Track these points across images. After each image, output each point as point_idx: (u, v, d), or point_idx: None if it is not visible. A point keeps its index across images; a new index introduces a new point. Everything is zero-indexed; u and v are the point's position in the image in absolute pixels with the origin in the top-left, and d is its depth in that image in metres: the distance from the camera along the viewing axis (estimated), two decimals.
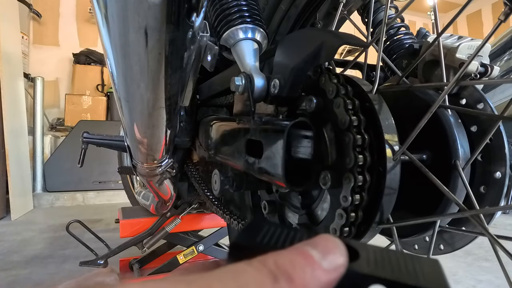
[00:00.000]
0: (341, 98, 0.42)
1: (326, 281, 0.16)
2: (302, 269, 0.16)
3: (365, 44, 0.49)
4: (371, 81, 0.46)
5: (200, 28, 0.53)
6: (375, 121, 0.42)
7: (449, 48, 0.51)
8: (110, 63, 0.52)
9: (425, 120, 0.40)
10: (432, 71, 0.56)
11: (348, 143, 0.40)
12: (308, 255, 0.17)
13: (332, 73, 0.45)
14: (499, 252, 0.39)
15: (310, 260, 0.17)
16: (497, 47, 1.00)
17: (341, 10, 0.62)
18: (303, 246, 0.17)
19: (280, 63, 0.50)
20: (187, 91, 0.68)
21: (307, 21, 0.71)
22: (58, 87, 3.96)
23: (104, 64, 3.76)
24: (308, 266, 0.16)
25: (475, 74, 0.51)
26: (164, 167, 0.92)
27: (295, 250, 0.17)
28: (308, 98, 0.46)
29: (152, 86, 0.55)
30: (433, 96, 0.50)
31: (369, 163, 0.40)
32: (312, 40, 0.45)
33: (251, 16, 0.58)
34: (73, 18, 4.08)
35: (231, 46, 0.58)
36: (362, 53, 0.53)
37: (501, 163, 0.48)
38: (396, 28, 0.74)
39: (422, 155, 0.48)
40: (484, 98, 0.51)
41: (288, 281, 0.16)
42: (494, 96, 0.80)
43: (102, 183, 3.34)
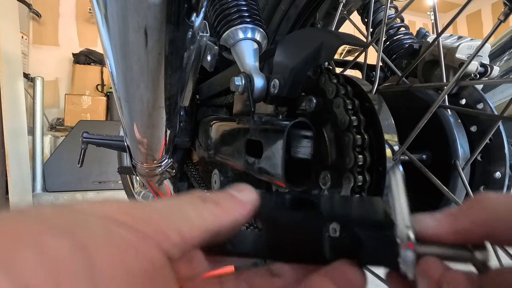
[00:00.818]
0: (341, 98, 0.42)
1: (244, 209, 0.22)
2: (225, 199, 0.22)
3: (365, 44, 0.49)
4: (371, 81, 0.46)
5: (200, 28, 0.53)
6: (375, 121, 0.42)
7: (449, 48, 0.51)
8: (110, 63, 0.52)
9: (425, 120, 0.40)
10: (432, 71, 0.56)
11: (348, 143, 0.40)
12: (229, 193, 0.22)
13: (332, 73, 0.45)
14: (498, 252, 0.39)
15: (229, 194, 0.22)
16: (497, 47, 1.00)
17: (340, 10, 0.62)
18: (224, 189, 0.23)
19: (280, 63, 0.50)
20: (187, 91, 0.68)
21: (307, 21, 0.71)
22: (58, 87, 3.95)
23: (104, 64, 3.76)
24: (228, 197, 0.22)
25: (474, 74, 0.51)
26: (163, 167, 0.92)
27: (218, 191, 0.22)
28: (308, 98, 0.46)
29: (152, 86, 0.55)
30: (433, 96, 0.50)
31: (368, 163, 0.40)
32: (312, 40, 0.45)
33: (250, 16, 0.58)
34: (73, 18, 4.07)
35: (231, 46, 0.58)
36: (362, 53, 0.53)
37: (500, 163, 0.48)
38: (396, 28, 0.74)
39: (422, 155, 0.48)
40: (484, 98, 0.51)
41: (214, 203, 0.21)
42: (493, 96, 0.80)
43: (102, 183, 3.33)
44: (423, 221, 0.22)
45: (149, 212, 0.18)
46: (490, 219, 0.20)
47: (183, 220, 0.19)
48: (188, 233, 0.18)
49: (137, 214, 0.17)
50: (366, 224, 0.22)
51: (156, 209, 0.18)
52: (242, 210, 0.22)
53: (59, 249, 0.13)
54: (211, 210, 0.20)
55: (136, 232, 0.16)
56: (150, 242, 0.16)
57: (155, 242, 0.16)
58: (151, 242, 0.16)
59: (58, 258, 0.13)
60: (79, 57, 3.81)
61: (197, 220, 0.19)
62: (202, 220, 0.19)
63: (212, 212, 0.20)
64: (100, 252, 0.14)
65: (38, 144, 3.30)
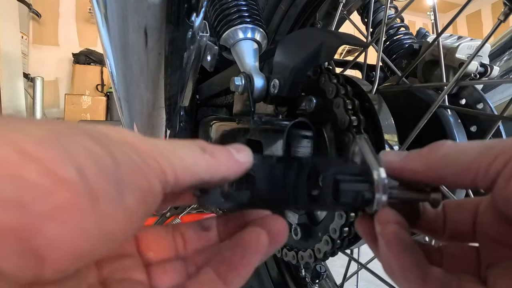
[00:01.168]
0: (340, 98, 0.42)
1: (237, 168, 0.23)
2: (222, 154, 0.23)
3: (364, 44, 0.49)
4: (371, 81, 0.46)
5: (200, 28, 0.53)
6: (374, 121, 0.42)
7: (448, 48, 0.51)
8: (110, 63, 0.52)
9: (425, 120, 0.40)
10: (431, 71, 0.56)
11: (348, 143, 0.40)
12: (228, 149, 0.23)
13: (332, 73, 0.45)
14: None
15: (228, 151, 0.23)
16: (497, 47, 1.00)
17: (340, 10, 0.62)
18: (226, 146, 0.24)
19: (279, 63, 0.50)
20: (186, 91, 0.68)
21: (307, 21, 0.71)
22: (58, 87, 3.95)
23: (103, 64, 3.76)
24: (226, 153, 0.23)
25: (474, 74, 0.51)
26: None
27: (218, 145, 0.23)
28: (308, 98, 0.46)
29: (151, 86, 0.55)
30: (433, 96, 0.50)
31: None
32: (312, 40, 0.45)
33: (250, 16, 0.58)
34: (72, 18, 4.07)
35: (231, 46, 0.58)
36: (362, 53, 0.53)
37: None
38: (395, 28, 0.74)
39: None
40: (484, 98, 0.51)
41: (212, 155, 0.22)
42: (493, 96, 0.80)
43: None
44: (390, 157, 0.25)
45: (152, 148, 0.19)
46: (440, 164, 0.22)
47: (179, 162, 0.20)
48: (181, 175, 0.20)
49: (144, 146, 0.19)
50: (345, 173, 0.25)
51: (158, 147, 0.20)
52: (235, 168, 0.23)
53: (97, 152, 0.16)
54: (207, 160, 0.22)
55: (144, 161, 0.18)
56: (153, 172, 0.18)
57: (156, 174, 0.19)
58: (153, 173, 0.18)
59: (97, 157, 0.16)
60: (79, 57, 3.80)
61: (192, 165, 0.21)
62: (196, 166, 0.21)
63: (208, 162, 0.22)
64: (122, 165, 0.17)
65: None
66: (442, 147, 0.23)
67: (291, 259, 0.53)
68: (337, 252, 0.46)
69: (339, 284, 0.66)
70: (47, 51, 3.93)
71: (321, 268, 0.69)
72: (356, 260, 0.57)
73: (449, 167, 0.22)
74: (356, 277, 0.65)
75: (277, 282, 0.76)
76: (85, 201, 0.14)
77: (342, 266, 0.82)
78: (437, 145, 0.23)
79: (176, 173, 0.19)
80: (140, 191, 0.17)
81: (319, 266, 0.68)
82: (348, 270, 0.61)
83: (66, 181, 0.14)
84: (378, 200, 0.24)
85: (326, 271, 0.70)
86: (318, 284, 0.71)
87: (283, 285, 0.76)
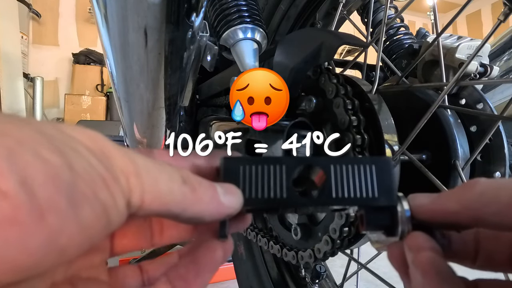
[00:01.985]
0: (340, 98, 0.42)
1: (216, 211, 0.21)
2: (205, 191, 0.21)
3: (364, 44, 0.49)
4: (371, 81, 0.46)
5: (199, 28, 0.53)
6: (374, 121, 0.42)
7: (448, 48, 0.51)
8: (110, 63, 0.52)
9: (425, 120, 0.40)
10: (431, 71, 0.56)
11: (348, 143, 0.40)
12: (214, 187, 0.21)
13: (332, 73, 0.45)
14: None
15: (213, 190, 0.21)
16: (497, 47, 1.00)
17: (340, 10, 0.62)
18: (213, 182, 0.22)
19: (279, 63, 0.50)
20: (186, 91, 0.68)
21: (307, 21, 0.71)
22: (58, 87, 3.95)
23: (103, 64, 3.76)
24: (210, 192, 0.21)
25: (474, 74, 0.51)
26: None
27: (206, 180, 0.22)
28: (308, 98, 0.46)
29: (151, 86, 0.55)
30: (433, 96, 0.50)
31: None
32: (312, 40, 0.45)
33: (250, 16, 0.58)
34: (72, 18, 4.07)
35: (231, 46, 0.58)
36: (362, 53, 0.53)
37: (500, 163, 0.48)
38: (395, 28, 0.74)
39: (421, 155, 0.48)
40: (484, 98, 0.51)
41: (192, 190, 0.20)
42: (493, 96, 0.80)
43: None
44: (419, 199, 0.23)
45: (129, 164, 0.18)
46: (478, 203, 0.20)
47: (152, 187, 0.18)
48: (149, 201, 0.18)
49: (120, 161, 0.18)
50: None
51: (135, 164, 0.18)
52: (215, 211, 0.21)
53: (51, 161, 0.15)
54: (185, 193, 0.20)
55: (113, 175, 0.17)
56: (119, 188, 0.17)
57: (122, 191, 0.17)
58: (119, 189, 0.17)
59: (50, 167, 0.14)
60: (79, 57, 3.80)
61: (165, 194, 0.19)
62: (169, 197, 0.19)
63: (184, 196, 0.20)
64: (82, 176, 0.15)
65: None
66: (477, 185, 0.21)
67: (291, 259, 0.53)
68: (337, 252, 0.46)
69: (339, 284, 0.66)
70: (47, 51, 3.93)
71: (321, 268, 0.68)
72: (356, 260, 0.57)
73: (489, 205, 0.20)
74: (356, 277, 0.65)
75: (277, 282, 0.76)
76: (28, 215, 0.13)
77: (342, 266, 0.82)
78: (471, 182, 0.21)
79: (144, 197, 0.18)
80: (101, 206, 0.16)
81: (319, 266, 0.68)
82: (348, 270, 0.61)
83: (6, 194, 0.13)
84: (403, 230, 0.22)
85: (326, 271, 0.70)
86: (318, 284, 0.71)
87: (283, 285, 0.76)
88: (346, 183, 0.24)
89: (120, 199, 0.17)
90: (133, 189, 0.18)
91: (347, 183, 0.24)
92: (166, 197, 0.19)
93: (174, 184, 0.19)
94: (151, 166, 0.19)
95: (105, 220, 0.16)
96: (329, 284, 0.73)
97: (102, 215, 0.16)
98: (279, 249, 0.56)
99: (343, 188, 0.23)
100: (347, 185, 0.23)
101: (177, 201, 0.19)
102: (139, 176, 0.18)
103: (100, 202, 0.16)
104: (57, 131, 0.16)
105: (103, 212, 0.16)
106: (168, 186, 0.19)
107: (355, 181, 0.23)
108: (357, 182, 0.23)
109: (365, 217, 0.24)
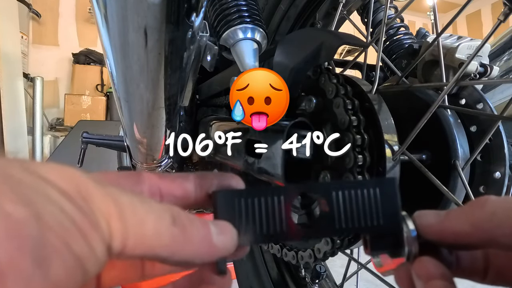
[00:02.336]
0: (340, 98, 0.42)
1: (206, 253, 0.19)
2: (197, 231, 0.19)
3: (364, 44, 0.49)
4: (371, 81, 0.46)
5: (199, 28, 0.53)
6: (374, 121, 0.42)
7: (448, 48, 0.51)
8: (110, 63, 0.52)
9: (425, 120, 0.40)
10: (431, 71, 0.56)
11: (348, 143, 0.40)
12: (208, 226, 0.20)
13: (332, 73, 0.45)
14: None
15: (207, 230, 0.19)
16: (497, 47, 1.00)
17: (340, 10, 0.62)
18: (207, 220, 0.20)
19: (279, 63, 0.50)
20: (186, 91, 0.68)
21: (307, 21, 0.71)
22: (58, 87, 3.95)
23: (103, 64, 3.75)
24: (203, 232, 0.19)
25: (474, 74, 0.51)
26: (163, 167, 0.92)
27: (198, 218, 0.20)
28: (308, 98, 0.46)
29: (151, 86, 0.55)
30: (433, 96, 0.50)
31: (368, 163, 0.40)
32: (312, 40, 0.45)
33: (250, 16, 0.58)
34: (72, 18, 4.07)
35: (231, 46, 0.58)
36: (362, 53, 0.53)
37: (500, 163, 0.48)
38: (395, 28, 0.74)
39: (421, 155, 0.48)
40: (484, 98, 0.51)
41: (182, 230, 0.18)
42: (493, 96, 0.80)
43: None
44: (426, 218, 0.22)
45: (110, 204, 0.16)
46: (489, 224, 0.19)
47: (136, 229, 0.17)
48: (132, 245, 0.17)
49: (100, 202, 0.16)
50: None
51: (118, 204, 0.17)
52: (206, 254, 0.19)
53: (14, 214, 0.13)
54: (174, 235, 0.18)
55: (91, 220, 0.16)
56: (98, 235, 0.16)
57: (101, 237, 0.16)
58: (99, 236, 0.16)
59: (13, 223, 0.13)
60: (79, 57, 3.80)
61: (151, 237, 0.17)
62: (156, 239, 0.18)
63: (173, 238, 0.18)
64: (53, 228, 0.14)
65: (37, 144, 3.30)
66: (488, 204, 0.20)
67: (291, 259, 0.53)
68: (337, 252, 0.46)
69: (339, 284, 0.66)
70: (47, 51, 3.93)
71: (321, 268, 0.68)
72: (356, 260, 0.57)
73: (501, 226, 0.19)
74: (356, 277, 0.65)
75: (277, 282, 0.76)
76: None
77: (342, 266, 0.82)
78: (481, 201, 0.20)
79: (127, 241, 0.16)
80: (74, 258, 0.15)
81: (319, 266, 0.68)
82: (348, 270, 0.61)
83: None
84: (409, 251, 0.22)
85: (326, 271, 0.70)
86: (318, 284, 0.71)
87: (283, 285, 0.76)
88: (350, 211, 0.22)
89: (98, 246, 0.16)
90: (114, 233, 0.16)
91: (350, 211, 0.22)
92: (153, 241, 0.17)
93: (163, 225, 0.18)
94: (137, 205, 0.17)
95: (80, 272, 0.15)
96: (329, 284, 0.73)
97: (76, 268, 0.15)
98: (279, 249, 0.56)
99: (346, 217, 0.22)
100: (350, 214, 0.22)
101: (165, 244, 0.18)
102: (122, 218, 0.16)
103: (74, 254, 0.14)
104: (25, 174, 0.15)
105: (78, 265, 0.15)
106: (156, 228, 0.17)
107: (359, 208, 0.22)
108: (361, 209, 0.22)
109: (370, 241, 0.23)
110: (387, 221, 0.22)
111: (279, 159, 0.45)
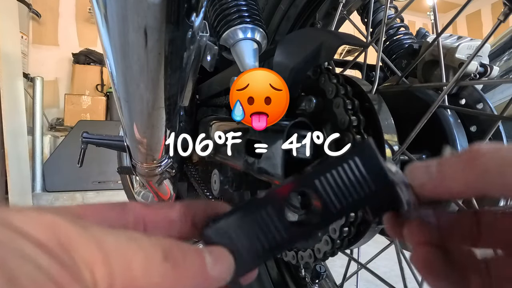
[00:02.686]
0: (340, 98, 0.42)
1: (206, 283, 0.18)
2: (191, 264, 0.18)
3: (364, 44, 0.49)
4: (371, 81, 0.46)
5: (199, 28, 0.53)
6: (374, 121, 0.42)
7: (448, 48, 0.51)
8: (110, 63, 0.52)
9: (425, 120, 0.40)
10: (431, 71, 0.56)
11: (348, 143, 0.40)
12: (202, 256, 0.19)
13: (332, 73, 0.45)
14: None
15: (201, 260, 0.19)
16: (497, 47, 1.00)
17: (340, 10, 0.62)
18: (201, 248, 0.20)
19: (279, 63, 0.50)
20: (186, 91, 0.68)
21: (307, 21, 0.71)
22: (58, 87, 3.95)
23: (103, 64, 3.75)
24: (197, 263, 0.18)
25: (474, 74, 0.51)
26: (163, 167, 0.92)
27: (192, 247, 0.19)
28: (308, 98, 0.46)
29: (151, 86, 0.55)
30: (433, 96, 0.50)
31: None
32: (312, 40, 0.45)
33: (250, 16, 0.58)
34: (72, 18, 4.07)
35: (231, 46, 0.58)
36: (362, 53, 0.53)
37: None
38: (395, 28, 0.74)
39: (421, 155, 0.48)
40: (484, 98, 0.51)
41: (175, 265, 0.17)
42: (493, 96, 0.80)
43: (102, 183, 3.33)
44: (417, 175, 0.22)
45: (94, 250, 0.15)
46: (483, 182, 0.19)
47: (123, 271, 0.16)
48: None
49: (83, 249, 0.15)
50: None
51: (103, 248, 0.16)
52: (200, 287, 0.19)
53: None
54: (165, 272, 0.17)
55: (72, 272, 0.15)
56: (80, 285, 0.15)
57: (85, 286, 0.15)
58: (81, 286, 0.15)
59: None
60: (79, 57, 3.80)
61: (140, 277, 0.16)
62: (145, 279, 0.17)
63: (164, 277, 0.17)
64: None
65: (37, 144, 3.29)
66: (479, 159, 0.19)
67: (291, 259, 0.53)
68: (337, 252, 0.46)
69: (339, 284, 0.66)
70: (47, 51, 3.93)
71: (321, 268, 0.68)
72: (356, 260, 0.57)
73: (495, 183, 0.19)
74: (356, 277, 0.65)
75: (277, 282, 0.76)
76: None
77: (342, 266, 0.82)
78: (472, 154, 0.20)
79: (113, 286, 0.16)
80: None
81: (319, 266, 0.68)
82: (348, 270, 0.61)
83: None
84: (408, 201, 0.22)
85: (326, 271, 0.70)
86: (318, 284, 0.71)
87: (283, 285, 0.76)
88: (340, 190, 0.22)
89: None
90: (99, 281, 0.15)
91: (340, 190, 0.22)
92: (142, 282, 0.16)
93: (153, 264, 0.17)
94: (123, 245, 0.16)
95: None
96: (329, 284, 0.73)
97: None
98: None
99: (339, 198, 0.22)
100: (341, 193, 0.22)
101: (155, 282, 0.17)
102: (107, 262, 0.16)
103: None
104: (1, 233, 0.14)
105: None
106: (145, 268, 0.17)
107: (347, 184, 0.22)
108: (349, 184, 0.22)
109: (368, 208, 0.23)
110: (378, 184, 0.22)
111: (279, 159, 0.45)
